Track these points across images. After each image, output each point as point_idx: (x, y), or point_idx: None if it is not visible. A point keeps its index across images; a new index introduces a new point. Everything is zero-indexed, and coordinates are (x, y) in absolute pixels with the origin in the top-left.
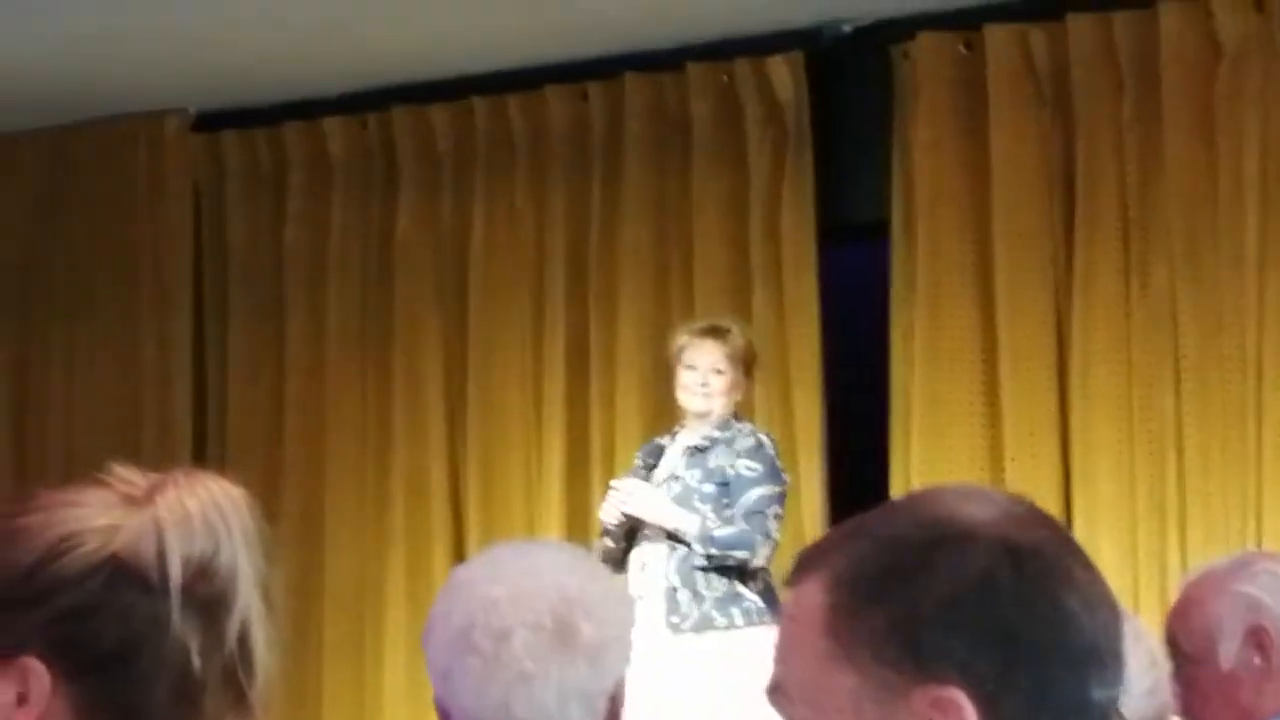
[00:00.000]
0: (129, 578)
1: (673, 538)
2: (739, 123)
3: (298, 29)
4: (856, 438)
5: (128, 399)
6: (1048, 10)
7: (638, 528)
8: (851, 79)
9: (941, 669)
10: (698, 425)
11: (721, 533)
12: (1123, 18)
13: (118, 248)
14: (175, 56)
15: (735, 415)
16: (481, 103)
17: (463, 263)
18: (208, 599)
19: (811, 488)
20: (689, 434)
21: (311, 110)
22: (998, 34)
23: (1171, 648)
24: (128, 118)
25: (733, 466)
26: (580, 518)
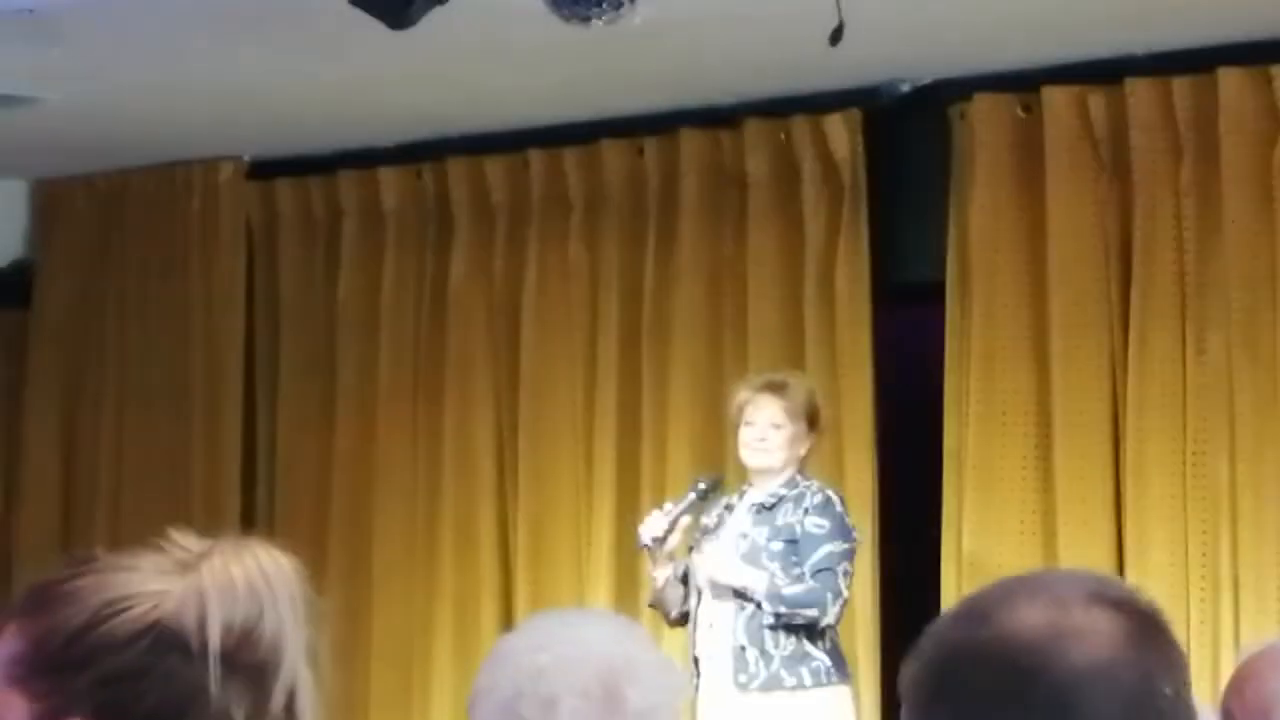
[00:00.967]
0: (172, 643)
1: (741, 596)
2: (795, 180)
3: (353, 79)
4: (909, 499)
5: (179, 447)
6: (1107, 73)
7: (689, 579)
8: (909, 139)
9: None
10: (764, 482)
11: (791, 590)
12: (1182, 83)
13: (171, 294)
14: (230, 104)
15: (801, 472)
16: (537, 155)
17: (515, 315)
18: (252, 666)
19: (863, 549)
20: (756, 491)
21: (366, 160)
22: (1056, 96)
23: None
24: (182, 164)
25: (801, 524)
26: (629, 570)
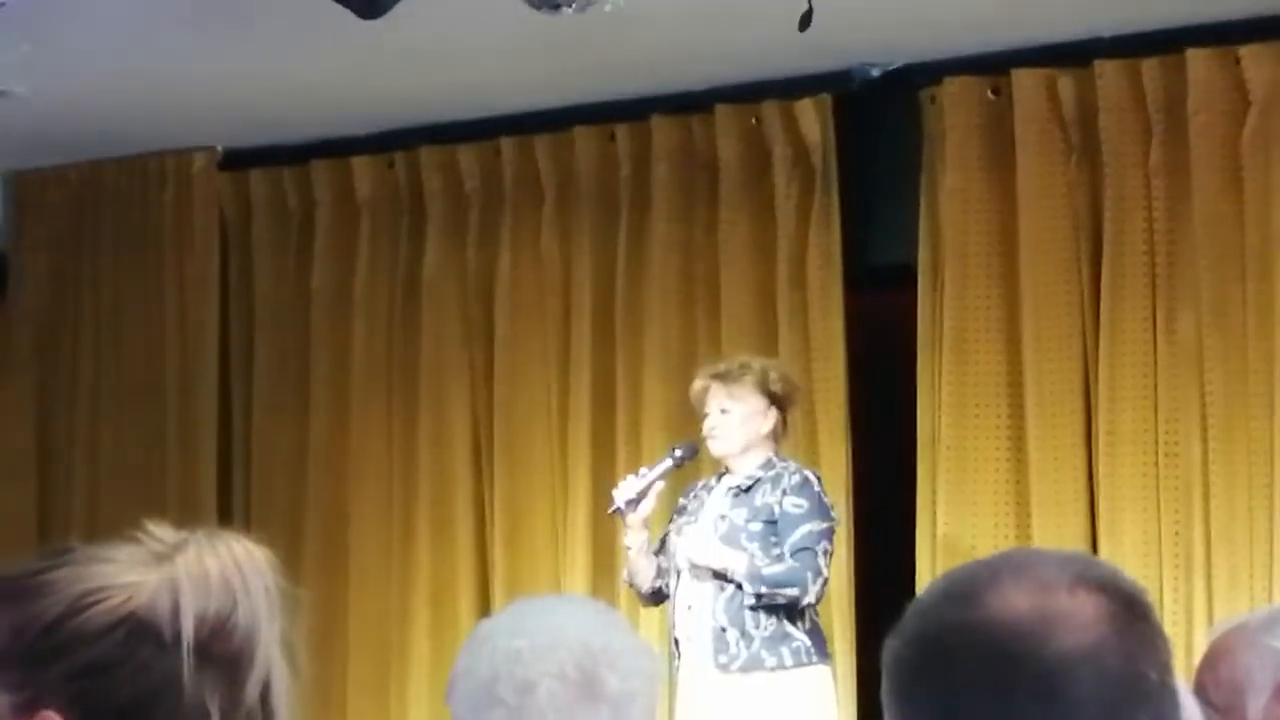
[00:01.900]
0: (146, 634)
1: (720, 577)
2: (766, 165)
3: (325, 68)
4: (882, 481)
5: (154, 437)
6: (1076, 55)
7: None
8: (879, 123)
9: None
10: (740, 465)
11: (771, 570)
12: (1151, 64)
13: (145, 285)
14: (203, 95)
15: (778, 453)
16: (509, 143)
17: (489, 302)
18: (226, 657)
19: (839, 532)
20: (733, 475)
21: (339, 149)
22: (1025, 79)
23: (1199, 699)
24: (155, 156)
25: (779, 504)
26: (606, 554)
